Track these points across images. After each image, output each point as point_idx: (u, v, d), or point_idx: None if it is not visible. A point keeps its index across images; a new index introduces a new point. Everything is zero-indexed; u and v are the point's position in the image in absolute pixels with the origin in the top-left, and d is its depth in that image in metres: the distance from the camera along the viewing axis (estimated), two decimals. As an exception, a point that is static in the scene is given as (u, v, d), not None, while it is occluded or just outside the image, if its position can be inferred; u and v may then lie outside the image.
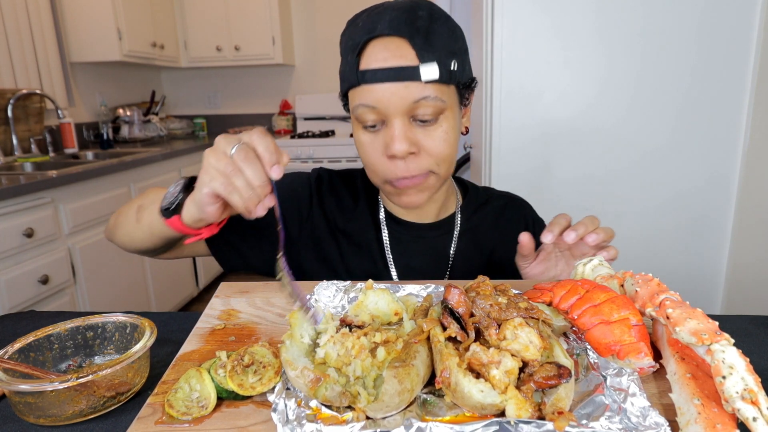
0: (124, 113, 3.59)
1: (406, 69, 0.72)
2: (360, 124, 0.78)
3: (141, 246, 0.81)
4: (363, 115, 0.76)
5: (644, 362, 0.49)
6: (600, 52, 1.66)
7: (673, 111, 1.67)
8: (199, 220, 0.67)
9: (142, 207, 0.78)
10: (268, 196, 0.62)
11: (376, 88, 0.73)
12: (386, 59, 0.72)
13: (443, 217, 0.93)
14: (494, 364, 0.44)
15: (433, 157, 0.77)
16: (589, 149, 1.74)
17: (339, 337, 0.51)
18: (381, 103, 0.73)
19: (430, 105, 0.74)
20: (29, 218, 1.97)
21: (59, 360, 0.59)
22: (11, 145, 2.68)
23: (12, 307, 1.88)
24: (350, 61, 0.75)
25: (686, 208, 1.75)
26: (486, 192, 1.01)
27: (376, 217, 0.92)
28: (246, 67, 4.18)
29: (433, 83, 0.73)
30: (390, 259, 0.89)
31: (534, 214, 1.01)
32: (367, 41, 0.74)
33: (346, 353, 0.50)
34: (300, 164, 3.66)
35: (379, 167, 0.79)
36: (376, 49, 0.73)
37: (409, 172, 0.77)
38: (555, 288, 0.60)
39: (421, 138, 0.76)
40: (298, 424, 0.42)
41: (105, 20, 3.08)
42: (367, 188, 0.94)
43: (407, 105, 0.73)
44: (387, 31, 0.73)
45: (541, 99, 1.73)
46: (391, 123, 0.75)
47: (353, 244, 0.90)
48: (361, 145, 0.80)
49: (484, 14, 1.71)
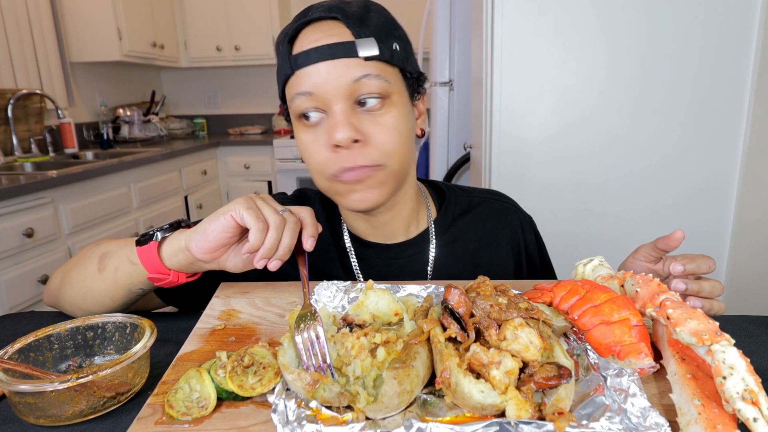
0: (124, 113, 3.59)
1: (341, 45, 0.66)
2: (300, 123, 0.71)
3: (99, 304, 0.72)
4: (300, 106, 0.69)
5: (645, 363, 0.49)
6: (601, 53, 1.66)
7: (674, 111, 1.67)
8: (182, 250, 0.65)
9: (107, 254, 0.72)
10: (285, 261, 0.63)
11: (311, 71, 0.67)
12: (319, 39, 0.67)
13: (415, 234, 0.84)
14: (494, 364, 0.44)
15: (381, 148, 0.69)
16: (589, 149, 1.74)
17: (339, 337, 0.51)
18: (318, 88, 0.67)
19: (373, 84, 0.67)
20: (29, 218, 1.97)
21: (59, 360, 0.59)
22: (11, 145, 2.68)
23: (12, 307, 1.88)
24: (283, 51, 0.69)
25: (686, 209, 1.75)
26: (466, 197, 0.90)
27: (341, 241, 0.84)
28: (246, 67, 4.18)
29: (374, 61, 0.67)
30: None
31: (520, 217, 0.92)
32: (298, 28, 0.69)
33: (346, 353, 0.50)
34: (300, 164, 3.66)
35: (323, 162, 0.70)
36: (308, 33, 0.68)
37: (354, 162, 0.68)
38: (555, 288, 0.60)
39: (366, 126, 0.68)
40: (298, 425, 0.42)
41: (105, 20, 3.08)
42: (328, 210, 0.86)
43: (347, 85, 0.66)
44: (318, 14, 0.68)
45: (541, 99, 1.72)
46: (332, 111, 0.67)
47: (321, 277, 0.80)
48: (304, 148, 0.72)
49: (484, 14, 1.71)
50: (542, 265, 0.93)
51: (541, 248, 0.94)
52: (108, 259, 0.71)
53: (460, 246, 0.85)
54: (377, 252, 0.83)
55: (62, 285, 0.75)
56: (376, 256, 0.83)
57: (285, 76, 0.70)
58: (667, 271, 0.66)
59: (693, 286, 0.62)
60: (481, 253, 0.86)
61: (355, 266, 0.83)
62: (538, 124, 1.74)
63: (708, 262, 0.63)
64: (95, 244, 0.77)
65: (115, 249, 0.72)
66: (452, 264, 0.84)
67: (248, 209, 0.61)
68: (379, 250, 0.83)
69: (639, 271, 0.69)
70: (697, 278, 0.64)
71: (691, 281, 0.63)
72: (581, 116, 1.72)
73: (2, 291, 1.85)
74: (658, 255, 0.68)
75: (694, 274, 0.64)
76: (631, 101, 1.68)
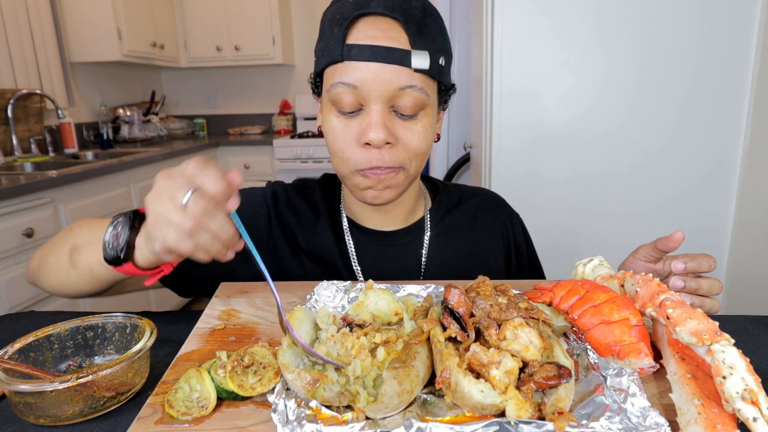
0: (124, 113, 3.59)
1: (397, 51, 0.66)
2: (333, 108, 0.71)
3: (79, 292, 0.72)
4: (340, 95, 0.69)
5: (644, 362, 0.49)
6: (600, 53, 1.66)
7: (673, 111, 1.67)
8: (157, 262, 0.61)
9: (76, 248, 0.68)
10: (237, 239, 0.55)
11: (361, 66, 0.67)
12: (376, 38, 0.67)
13: (412, 222, 0.87)
14: (494, 364, 0.44)
15: (408, 153, 0.72)
16: (589, 150, 1.74)
17: (339, 337, 0.51)
18: (364, 84, 0.67)
19: (415, 96, 0.68)
20: (29, 218, 1.97)
21: (59, 360, 0.59)
22: (11, 145, 2.68)
23: (12, 307, 1.88)
24: (336, 34, 0.68)
25: (686, 208, 1.75)
26: (458, 191, 0.95)
27: (339, 228, 0.86)
28: (246, 67, 4.18)
29: (421, 74, 0.68)
30: (358, 270, 0.84)
31: (509, 211, 0.96)
32: (358, 16, 0.68)
33: (346, 353, 0.50)
34: (300, 164, 3.66)
35: (351, 156, 0.71)
36: (366, 26, 0.68)
37: (383, 162, 0.70)
38: (555, 288, 0.60)
39: (398, 129, 0.70)
40: (298, 425, 0.42)
41: (105, 20, 3.08)
42: (327, 198, 0.88)
43: (391, 91, 0.67)
44: (381, 9, 0.67)
45: (541, 99, 1.73)
46: (370, 108, 0.68)
47: (316, 261, 0.84)
48: (332, 131, 0.72)
49: (484, 14, 1.71)
50: (530, 259, 0.96)
51: (528, 243, 0.97)
52: (78, 255, 0.67)
53: (453, 235, 0.88)
54: (374, 238, 0.85)
55: (39, 269, 0.74)
56: (373, 242, 0.85)
57: (332, 60, 0.69)
58: (667, 270, 0.66)
59: (691, 284, 0.63)
60: (473, 242, 0.89)
61: (351, 251, 0.84)
62: (538, 123, 1.74)
63: (709, 261, 0.63)
64: (68, 230, 0.73)
65: (83, 244, 0.67)
66: (447, 253, 0.87)
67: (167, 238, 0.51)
68: (376, 237, 0.85)
69: (639, 270, 0.69)
70: (696, 276, 0.64)
71: (690, 279, 0.63)
72: (581, 115, 1.72)
73: (2, 291, 1.85)
74: (658, 255, 0.68)
75: (694, 273, 0.64)
76: (631, 100, 1.68)
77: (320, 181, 0.91)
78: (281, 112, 4.20)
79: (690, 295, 0.63)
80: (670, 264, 0.64)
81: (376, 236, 0.85)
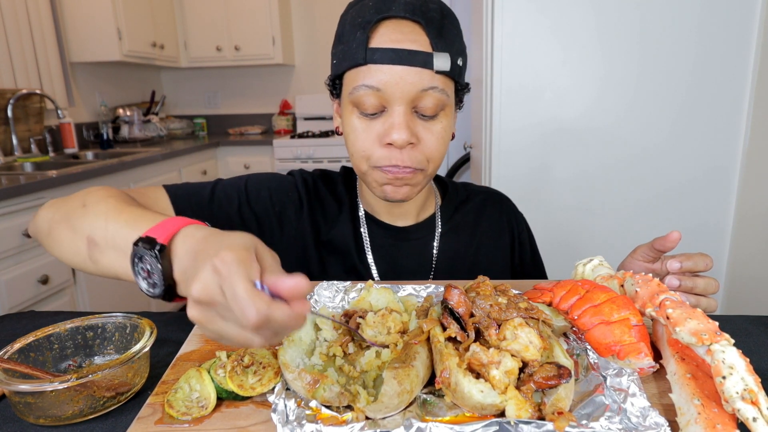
0: (124, 113, 3.59)
1: (420, 54, 0.68)
2: (355, 110, 0.73)
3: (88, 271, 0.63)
4: (363, 98, 0.70)
5: (644, 362, 0.49)
6: (600, 52, 1.66)
7: (673, 110, 1.67)
8: None
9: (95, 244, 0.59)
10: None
11: (384, 70, 0.69)
12: (399, 41, 0.68)
13: (423, 218, 0.90)
14: (494, 364, 0.44)
15: (427, 153, 0.74)
16: (589, 149, 1.74)
17: (379, 319, 0.53)
18: (387, 87, 0.69)
19: (436, 97, 0.70)
20: (29, 218, 1.96)
21: (59, 360, 0.59)
22: (11, 145, 2.68)
23: (12, 307, 1.88)
24: (358, 38, 0.70)
25: (686, 208, 1.75)
26: (465, 189, 0.97)
27: (357, 221, 0.88)
28: (246, 67, 4.17)
29: (442, 75, 0.70)
30: (371, 262, 0.86)
31: (514, 208, 0.99)
32: (380, 20, 0.70)
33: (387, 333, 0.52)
34: (300, 164, 3.66)
35: (373, 154, 0.74)
36: (388, 29, 0.69)
37: (403, 161, 0.72)
38: (555, 288, 0.60)
39: (420, 130, 0.73)
40: (298, 425, 0.42)
41: (105, 20, 3.08)
42: (349, 190, 0.91)
43: (414, 93, 0.69)
44: (402, 13, 0.69)
45: (541, 99, 1.73)
46: (393, 110, 0.71)
47: (334, 252, 0.86)
48: (353, 131, 0.74)
49: (484, 14, 1.71)
50: (533, 258, 0.98)
51: (531, 241, 0.99)
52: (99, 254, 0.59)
53: (462, 231, 0.91)
54: (389, 233, 0.88)
55: (48, 237, 0.68)
56: (388, 237, 0.88)
57: (354, 63, 0.70)
58: (665, 270, 0.67)
59: (687, 283, 0.63)
60: (481, 238, 0.92)
61: (366, 242, 0.87)
62: (538, 123, 1.74)
63: (705, 260, 0.64)
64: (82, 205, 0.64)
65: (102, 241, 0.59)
66: (457, 248, 0.90)
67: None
68: (391, 231, 0.88)
69: (638, 270, 0.70)
70: (692, 275, 0.65)
71: (686, 278, 0.64)
72: (582, 115, 1.72)
73: (2, 291, 1.85)
74: (656, 255, 0.69)
75: (691, 272, 0.65)
76: (630, 99, 1.68)
77: (342, 175, 0.93)
78: (281, 112, 4.20)
79: (686, 294, 0.64)
80: (667, 263, 0.65)
81: (391, 231, 0.88)
